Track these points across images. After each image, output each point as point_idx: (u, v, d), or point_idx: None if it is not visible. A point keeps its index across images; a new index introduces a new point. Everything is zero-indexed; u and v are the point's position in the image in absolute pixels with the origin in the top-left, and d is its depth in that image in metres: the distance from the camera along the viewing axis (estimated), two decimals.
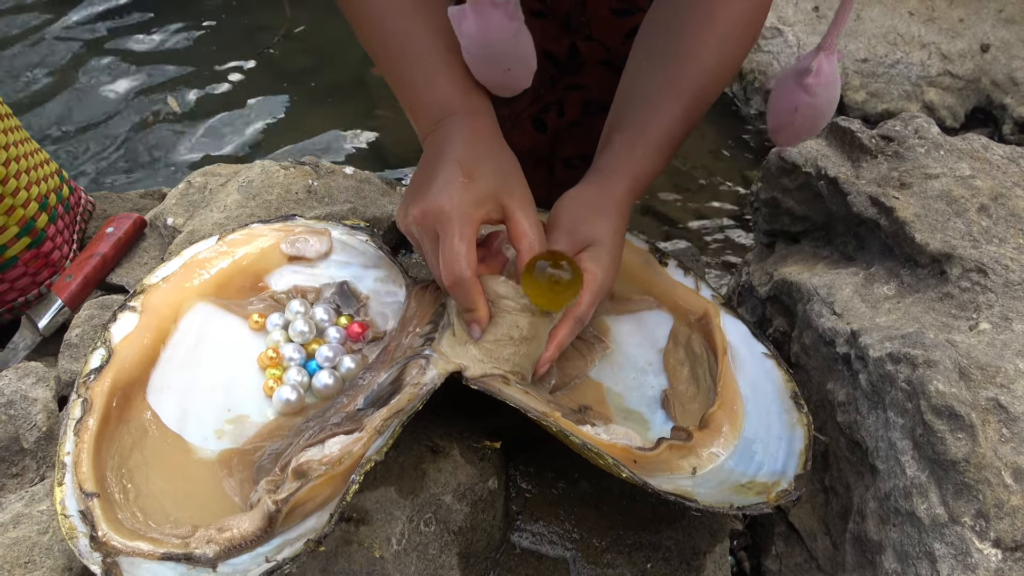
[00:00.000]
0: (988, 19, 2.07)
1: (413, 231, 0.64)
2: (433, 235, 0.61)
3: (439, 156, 0.63)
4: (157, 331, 0.67)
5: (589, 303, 0.65)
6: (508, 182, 0.64)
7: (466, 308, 0.62)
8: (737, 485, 0.62)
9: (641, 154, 0.68)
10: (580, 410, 0.66)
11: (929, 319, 0.68)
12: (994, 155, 0.81)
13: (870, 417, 0.66)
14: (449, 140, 0.64)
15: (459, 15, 0.62)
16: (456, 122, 0.65)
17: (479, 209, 0.61)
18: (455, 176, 0.61)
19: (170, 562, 0.52)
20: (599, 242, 0.67)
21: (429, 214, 0.61)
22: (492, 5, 0.60)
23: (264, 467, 0.59)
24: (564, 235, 0.67)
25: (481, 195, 0.61)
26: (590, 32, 0.92)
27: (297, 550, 0.50)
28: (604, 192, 0.68)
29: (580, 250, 0.67)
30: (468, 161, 0.62)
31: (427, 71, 0.66)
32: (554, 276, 0.61)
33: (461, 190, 0.60)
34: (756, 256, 0.99)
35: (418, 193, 0.63)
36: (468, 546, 0.62)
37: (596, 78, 0.95)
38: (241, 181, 0.92)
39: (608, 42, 0.92)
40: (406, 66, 0.67)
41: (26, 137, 0.90)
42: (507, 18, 0.61)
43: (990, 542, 0.55)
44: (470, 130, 0.65)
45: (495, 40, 0.62)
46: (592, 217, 0.67)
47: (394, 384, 0.61)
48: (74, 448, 0.57)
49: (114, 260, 0.90)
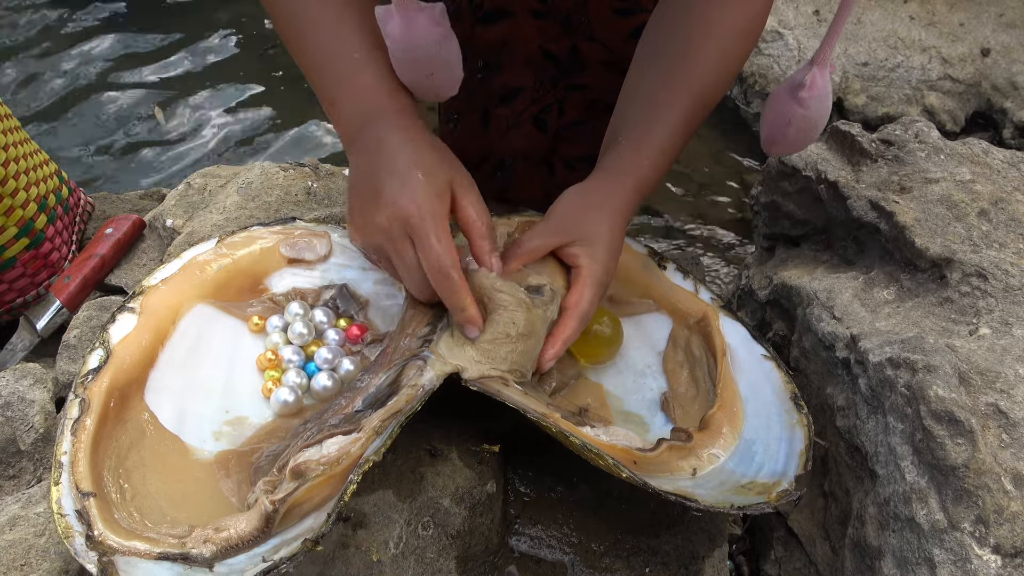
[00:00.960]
0: (988, 23, 2.07)
1: (378, 241, 0.61)
2: (405, 241, 0.59)
3: (382, 157, 0.61)
4: (156, 332, 0.67)
5: (590, 298, 0.65)
6: (454, 169, 0.62)
7: (457, 308, 0.61)
8: (738, 486, 0.62)
9: (647, 155, 0.69)
10: (579, 412, 0.66)
11: (929, 324, 0.67)
12: (994, 159, 0.81)
13: (870, 422, 0.66)
14: (388, 139, 0.61)
15: (385, 16, 0.60)
16: (388, 121, 0.62)
17: (444, 203, 0.60)
18: (412, 174, 0.59)
19: (166, 562, 0.51)
20: (595, 237, 0.67)
21: (397, 219, 0.58)
22: (417, 9, 0.59)
23: (262, 468, 0.59)
24: (553, 227, 0.67)
25: (440, 188, 0.60)
26: (591, 32, 0.92)
27: (294, 550, 0.50)
28: (608, 190, 0.68)
29: (570, 243, 0.67)
30: (417, 157, 0.60)
31: (352, 66, 0.63)
32: (595, 331, 0.66)
33: (424, 187, 0.58)
34: (756, 260, 0.99)
35: (373, 201, 0.60)
36: (466, 550, 0.61)
37: (598, 79, 0.95)
38: (240, 183, 0.92)
39: (610, 43, 0.92)
40: (328, 60, 0.64)
41: (25, 138, 0.90)
42: (432, 23, 0.60)
43: (990, 548, 0.55)
44: (405, 127, 0.62)
45: (419, 44, 0.60)
46: (589, 212, 0.68)
47: (392, 386, 0.61)
48: (71, 447, 0.57)
49: (113, 261, 0.90)
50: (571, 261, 0.67)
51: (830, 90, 0.70)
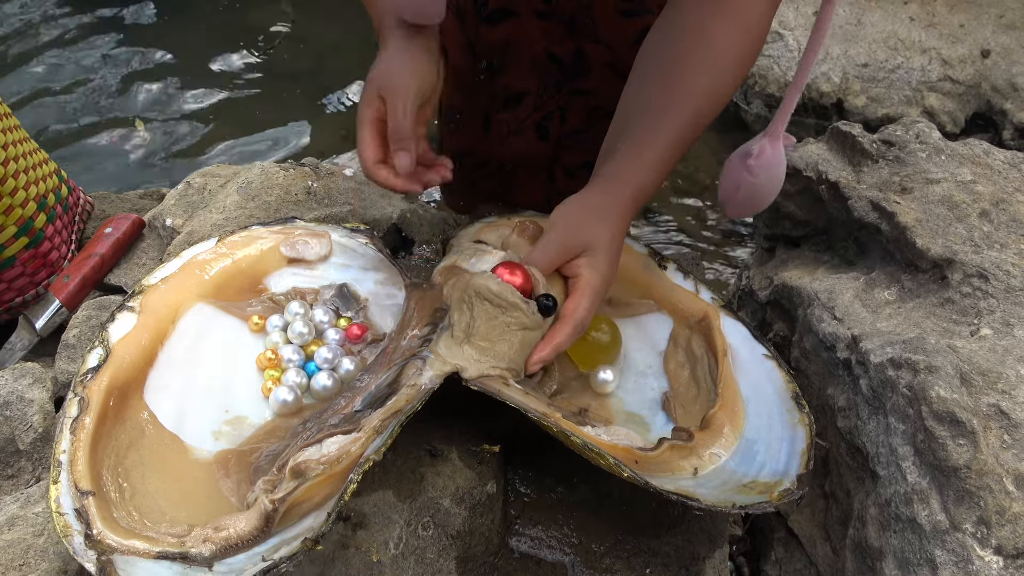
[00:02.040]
0: (989, 24, 2.07)
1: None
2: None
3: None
4: (155, 332, 0.67)
5: (587, 308, 0.65)
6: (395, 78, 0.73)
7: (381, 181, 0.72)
8: (739, 485, 0.62)
9: (647, 164, 0.69)
10: (580, 412, 0.66)
11: (930, 324, 0.67)
12: (995, 160, 0.81)
13: (871, 423, 0.66)
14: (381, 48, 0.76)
15: None
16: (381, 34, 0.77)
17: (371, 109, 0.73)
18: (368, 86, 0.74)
19: (165, 561, 0.51)
20: (597, 247, 0.67)
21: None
22: None
23: (261, 468, 0.59)
24: (558, 243, 0.67)
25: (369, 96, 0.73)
26: (596, 34, 0.92)
27: (294, 549, 0.49)
28: (608, 198, 0.69)
29: (575, 256, 0.67)
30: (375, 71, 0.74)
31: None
32: (593, 338, 0.68)
33: (365, 94, 0.73)
34: (757, 260, 0.99)
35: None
36: (466, 550, 0.61)
37: (602, 83, 0.95)
38: (240, 182, 0.91)
39: (615, 45, 0.92)
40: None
41: (25, 136, 0.89)
42: None
43: (991, 549, 0.55)
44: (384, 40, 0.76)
45: None
46: (591, 222, 0.68)
47: (391, 386, 0.61)
48: (70, 446, 0.57)
49: (112, 260, 0.90)
50: (572, 271, 0.68)
51: (783, 160, 0.75)
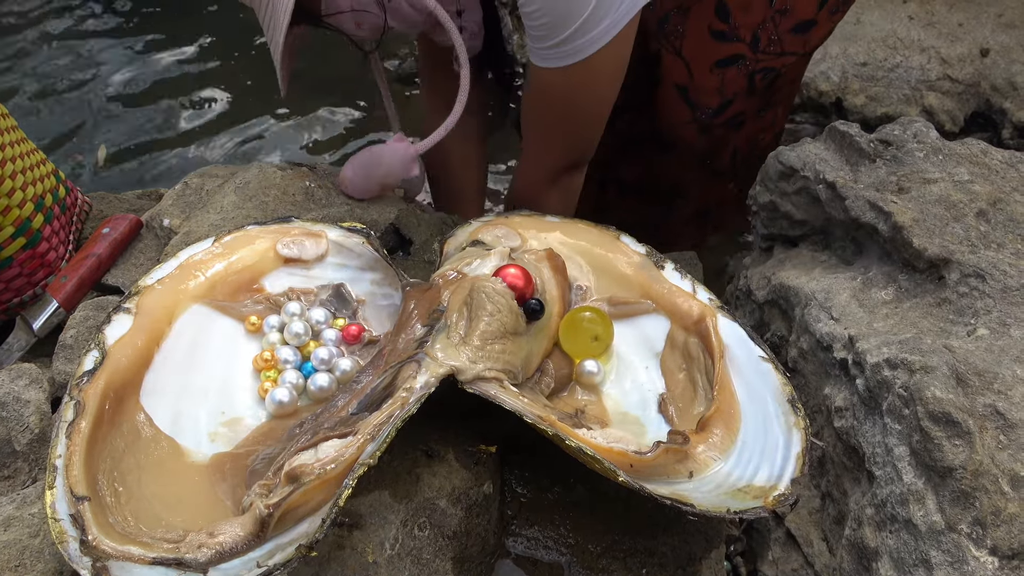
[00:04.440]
0: (988, 23, 2.06)
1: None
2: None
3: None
4: (151, 333, 0.67)
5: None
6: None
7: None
8: (734, 489, 0.62)
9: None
10: (576, 414, 0.66)
11: (927, 324, 0.67)
12: (993, 160, 0.81)
13: (867, 423, 0.66)
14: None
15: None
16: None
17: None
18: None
19: (161, 567, 0.51)
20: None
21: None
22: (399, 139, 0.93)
23: (257, 471, 0.59)
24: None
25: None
26: (680, 46, 0.90)
27: (289, 555, 0.49)
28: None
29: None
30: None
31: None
32: (586, 328, 0.70)
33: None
34: (754, 260, 0.99)
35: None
36: (462, 551, 0.61)
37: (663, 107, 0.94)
38: (238, 183, 0.91)
39: (693, 66, 0.90)
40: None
41: (22, 137, 0.89)
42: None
43: (987, 550, 0.55)
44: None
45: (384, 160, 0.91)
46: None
47: (387, 389, 0.61)
48: (66, 451, 0.57)
49: (110, 261, 0.90)
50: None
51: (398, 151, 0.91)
